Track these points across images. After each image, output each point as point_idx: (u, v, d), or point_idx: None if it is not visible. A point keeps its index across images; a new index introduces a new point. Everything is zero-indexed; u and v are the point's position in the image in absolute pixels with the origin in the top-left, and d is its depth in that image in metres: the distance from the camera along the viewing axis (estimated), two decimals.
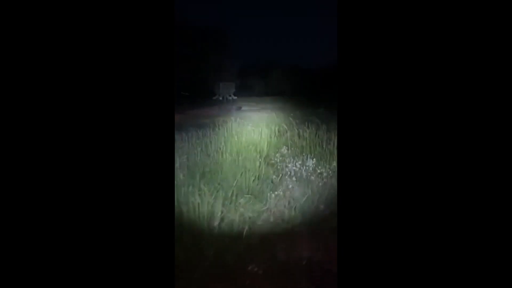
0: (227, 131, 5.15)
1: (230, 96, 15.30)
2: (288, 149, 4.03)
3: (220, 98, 14.84)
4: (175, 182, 2.55)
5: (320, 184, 2.78)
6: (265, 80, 17.28)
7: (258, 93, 15.96)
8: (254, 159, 3.42)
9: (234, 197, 2.45)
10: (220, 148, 3.89)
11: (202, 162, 3.43)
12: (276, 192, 2.58)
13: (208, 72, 15.66)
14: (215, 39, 16.78)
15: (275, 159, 3.65)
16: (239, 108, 10.76)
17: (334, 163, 3.25)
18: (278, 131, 4.93)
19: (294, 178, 2.90)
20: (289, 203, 2.46)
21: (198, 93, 14.04)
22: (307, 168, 3.10)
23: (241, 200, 2.44)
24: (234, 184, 2.61)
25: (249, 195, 2.52)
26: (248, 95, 15.14)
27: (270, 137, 4.78)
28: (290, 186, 2.74)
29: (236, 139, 4.47)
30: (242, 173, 2.85)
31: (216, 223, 2.17)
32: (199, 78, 15.20)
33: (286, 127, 4.67)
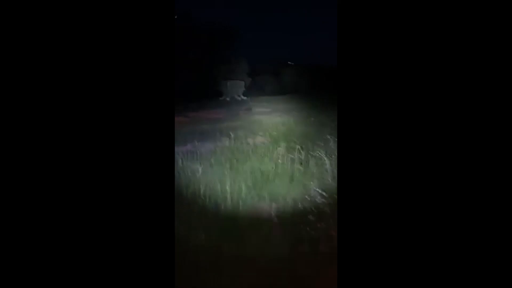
0: (221, 161, 3.25)
1: (238, 96, 13.52)
2: (329, 208, 2.11)
3: (228, 99, 13.07)
4: None
5: None
6: (277, 78, 15.33)
7: (269, 92, 14.07)
8: (258, 234, 1.55)
9: None
10: (197, 201, 2.07)
11: None
12: None
13: (214, 70, 13.97)
14: (222, 35, 15.08)
15: (305, 230, 1.76)
16: (249, 110, 9.05)
17: None
18: (303, 152, 2.96)
19: None
20: None
21: (203, 93, 12.44)
22: None
23: None
24: None
25: None
26: (258, 94, 13.30)
27: (291, 165, 2.86)
28: None
29: (232, 175, 2.59)
30: None
31: None
32: (204, 77, 13.59)
33: (320, 154, 2.68)
